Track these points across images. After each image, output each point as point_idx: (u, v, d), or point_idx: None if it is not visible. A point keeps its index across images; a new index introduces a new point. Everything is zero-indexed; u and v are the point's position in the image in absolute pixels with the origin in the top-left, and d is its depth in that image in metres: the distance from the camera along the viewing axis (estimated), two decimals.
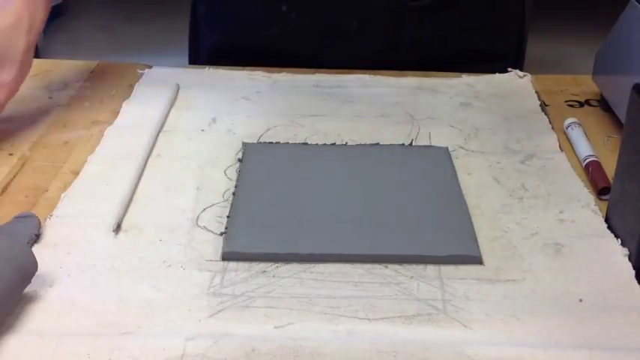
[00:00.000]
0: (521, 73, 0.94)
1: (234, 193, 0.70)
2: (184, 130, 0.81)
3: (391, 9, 0.91)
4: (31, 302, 0.56)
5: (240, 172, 0.73)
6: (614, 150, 0.70)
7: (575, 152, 0.79)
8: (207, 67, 0.95)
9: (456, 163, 0.75)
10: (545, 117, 0.85)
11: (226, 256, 0.62)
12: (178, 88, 0.90)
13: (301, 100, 0.87)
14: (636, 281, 0.60)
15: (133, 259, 0.61)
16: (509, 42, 0.96)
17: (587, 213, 0.68)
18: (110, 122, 0.82)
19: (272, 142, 0.79)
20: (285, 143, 0.78)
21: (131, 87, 0.90)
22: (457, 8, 0.94)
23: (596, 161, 0.75)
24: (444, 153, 0.77)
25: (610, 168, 0.71)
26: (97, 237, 0.64)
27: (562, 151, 0.78)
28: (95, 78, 0.95)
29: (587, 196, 0.71)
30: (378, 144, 0.79)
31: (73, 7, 3.68)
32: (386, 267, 0.61)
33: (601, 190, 0.72)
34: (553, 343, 0.54)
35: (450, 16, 0.94)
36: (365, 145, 0.68)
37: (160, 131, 0.81)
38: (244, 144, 0.78)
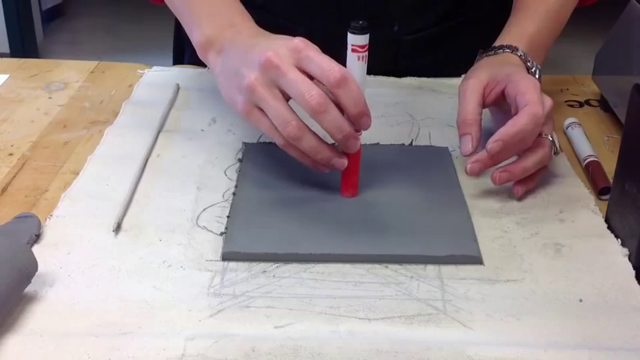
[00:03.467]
0: None
1: (234, 193, 0.70)
2: (184, 130, 0.81)
3: (387, 42, 0.91)
4: (31, 302, 0.56)
5: (240, 172, 0.73)
6: (614, 150, 0.70)
7: (575, 152, 0.79)
8: (207, 68, 0.95)
9: (456, 163, 0.75)
10: None
11: (226, 256, 0.62)
12: (178, 88, 0.90)
13: None
14: (636, 281, 0.60)
15: (133, 259, 0.61)
16: None
17: (587, 213, 0.68)
18: (110, 122, 0.82)
19: (272, 142, 0.79)
20: None
21: (131, 87, 0.90)
22: (453, 39, 0.95)
23: (596, 161, 0.75)
24: (444, 153, 0.77)
25: (610, 168, 0.71)
26: (97, 237, 0.64)
27: (562, 151, 0.78)
28: (95, 78, 0.95)
29: (587, 196, 0.71)
30: (378, 144, 0.79)
31: (73, 7, 3.69)
32: (386, 267, 0.61)
33: (601, 190, 0.72)
34: (553, 343, 0.54)
35: (445, 46, 0.95)
36: (365, 145, 0.68)
37: (160, 131, 0.81)
38: (244, 144, 0.78)
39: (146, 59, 1.02)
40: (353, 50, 0.63)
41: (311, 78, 0.63)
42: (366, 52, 0.63)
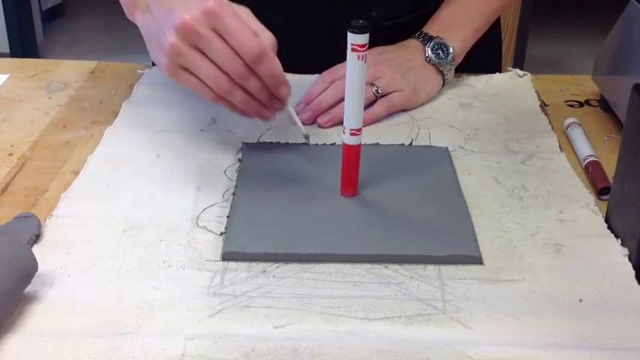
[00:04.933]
0: (521, 73, 0.94)
1: (234, 193, 0.70)
2: (184, 130, 0.81)
3: None
4: (31, 302, 0.56)
5: (240, 172, 0.73)
6: (614, 150, 0.70)
7: (575, 152, 0.79)
8: None
9: (456, 163, 0.75)
10: (545, 117, 0.85)
11: (226, 256, 0.62)
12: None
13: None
14: (636, 281, 0.60)
15: (133, 259, 0.61)
16: (485, 55, 0.97)
17: (587, 213, 0.68)
18: (110, 122, 0.82)
19: (272, 142, 0.79)
20: (285, 143, 0.78)
21: (131, 87, 0.90)
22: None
23: (596, 161, 0.75)
24: (444, 153, 0.77)
25: (610, 168, 0.71)
26: (96, 237, 0.64)
27: (562, 151, 0.78)
28: (95, 78, 0.95)
29: (587, 196, 0.71)
30: (378, 144, 0.79)
31: (73, 7, 3.69)
32: (386, 267, 0.61)
33: (601, 190, 0.72)
34: (553, 343, 0.54)
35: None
36: (365, 145, 0.68)
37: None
38: (244, 144, 0.78)
39: (146, 59, 1.02)
40: (353, 50, 0.63)
41: None
42: (366, 52, 0.63)
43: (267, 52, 0.67)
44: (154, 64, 0.96)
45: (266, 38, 0.69)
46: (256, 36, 0.67)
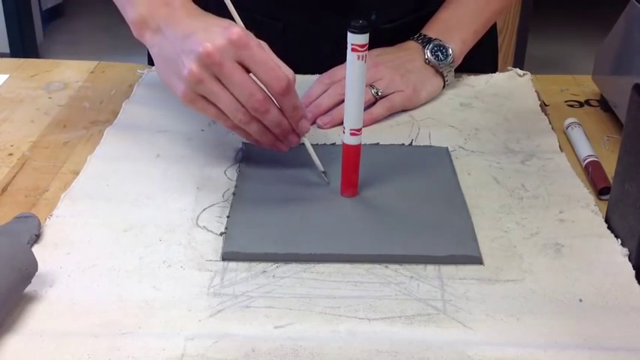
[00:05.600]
0: (520, 72, 0.94)
1: (234, 193, 0.70)
2: (184, 130, 0.81)
3: None
4: (31, 302, 0.56)
5: (240, 172, 0.73)
6: (614, 150, 0.70)
7: (575, 152, 0.79)
8: None
9: (456, 163, 0.75)
10: (545, 117, 0.85)
11: (226, 256, 0.62)
12: None
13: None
14: (636, 281, 0.60)
15: (133, 259, 0.61)
16: (483, 56, 0.97)
17: (587, 213, 0.68)
18: (110, 122, 0.82)
19: None
20: None
21: (131, 87, 0.90)
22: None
23: (596, 161, 0.75)
24: (444, 153, 0.77)
25: (610, 168, 0.71)
26: (96, 237, 0.64)
27: (562, 151, 0.78)
28: (95, 78, 0.95)
29: (587, 196, 0.71)
30: (378, 144, 0.79)
31: (73, 7, 3.68)
32: (386, 267, 0.61)
33: (601, 190, 0.72)
34: (553, 343, 0.54)
35: None
36: (365, 145, 0.68)
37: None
38: (244, 144, 0.78)
39: (146, 59, 1.02)
40: (353, 49, 0.63)
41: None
42: (366, 52, 0.63)
43: (293, 84, 0.67)
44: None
45: (289, 73, 0.67)
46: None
